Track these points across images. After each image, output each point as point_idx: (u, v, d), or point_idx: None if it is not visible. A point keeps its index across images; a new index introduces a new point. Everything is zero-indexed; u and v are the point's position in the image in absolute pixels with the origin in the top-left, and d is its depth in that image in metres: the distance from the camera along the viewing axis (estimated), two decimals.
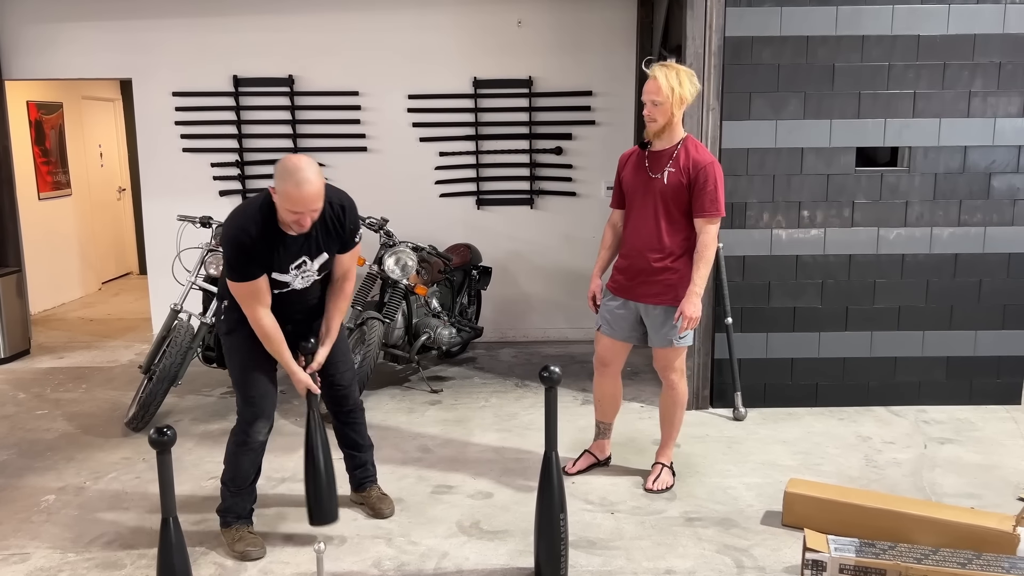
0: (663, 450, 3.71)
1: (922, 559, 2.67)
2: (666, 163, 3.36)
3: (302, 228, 2.79)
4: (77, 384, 5.19)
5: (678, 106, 3.29)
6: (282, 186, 2.72)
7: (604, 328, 3.61)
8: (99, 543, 3.17)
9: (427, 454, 4.05)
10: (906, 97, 4.43)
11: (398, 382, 5.21)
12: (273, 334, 2.92)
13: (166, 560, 2.44)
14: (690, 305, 3.30)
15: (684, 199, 3.34)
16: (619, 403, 3.80)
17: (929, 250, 4.55)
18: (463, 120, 5.96)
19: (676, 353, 3.52)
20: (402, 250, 4.81)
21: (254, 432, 3.02)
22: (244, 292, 2.86)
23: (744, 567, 2.97)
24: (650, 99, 3.29)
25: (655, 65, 3.31)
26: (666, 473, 3.65)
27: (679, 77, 3.26)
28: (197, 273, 4.58)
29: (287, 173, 2.70)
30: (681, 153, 3.35)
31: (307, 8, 5.78)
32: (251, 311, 2.88)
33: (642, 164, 3.45)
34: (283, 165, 2.74)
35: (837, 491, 3.25)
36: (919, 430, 4.31)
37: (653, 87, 3.27)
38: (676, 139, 3.38)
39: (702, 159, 3.32)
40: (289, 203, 2.71)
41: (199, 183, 5.96)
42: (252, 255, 2.80)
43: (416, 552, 3.09)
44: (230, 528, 3.11)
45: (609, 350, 3.62)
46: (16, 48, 5.82)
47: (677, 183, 3.32)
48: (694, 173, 3.30)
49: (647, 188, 3.40)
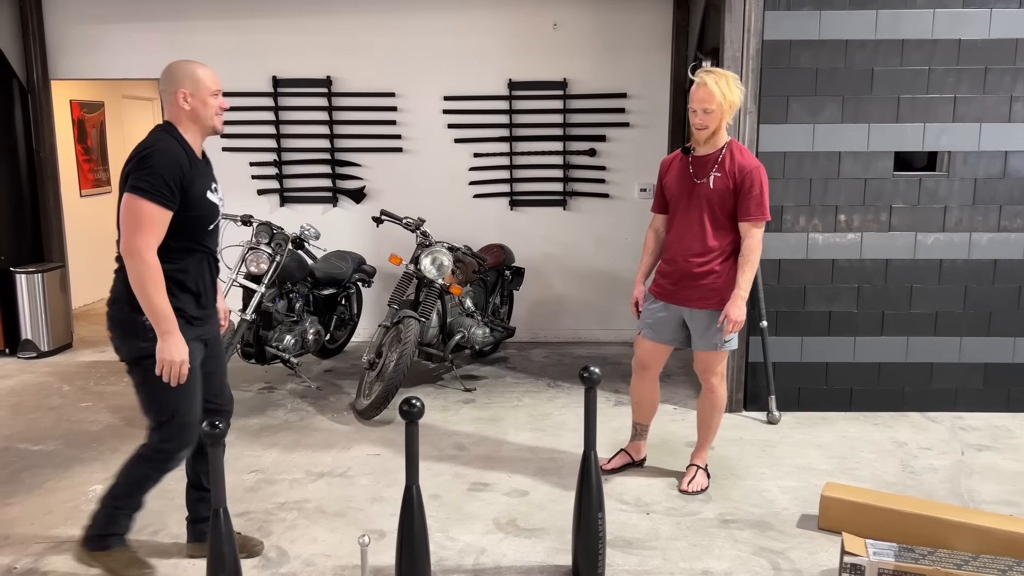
0: (699, 452, 3.73)
1: (962, 565, 2.67)
2: (711, 168, 3.37)
3: (224, 108, 2.72)
4: (119, 378, 5.30)
5: (729, 112, 3.30)
6: (193, 78, 2.63)
7: (646, 332, 3.62)
8: (147, 532, 3.25)
9: (462, 452, 4.10)
10: (946, 101, 4.40)
11: (432, 380, 5.27)
12: (160, 277, 2.57)
13: (216, 549, 2.50)
14: (735, 308, 3.32)
15: (730, 203, 3.35)
16: (657, 405, 3.83)
17: (968, 256, 4.52)
18: (497, 121, 6.00)
19: (719, 357, 3.54)
20: (438, 250, 4.87)
21: (179, 458, 2.79)
22: (155, 219, 2.54)
23: (781, 570, 2.98)
24: (702, 107, 3.28)
25: (702, 72, 3.30)
26: (701, 475, 3.67)
27: (728, 83, 3.27)
28: (238, 270, 4.67)
29: (184, 66, 2.66)
30: (727, 157, 3.36)
31: (345, 10, 5.86)
32: (147, 244, 2.53)
33: (686, 169, 3.46)
34: (175, 63, 2.67)
35: (874, 495, 3.25)
36: (956, 436, 4.29)
37: (705, 95, 3.26)
38: (720, 143, 3.39)
39: (748, 163, 3.33)
40: (211, 85, 2.66)
41: (238, 182, 6.06)
42: (185, 176, 2.59)
43: (454, 548, 3.14)
44: (112, 552, 2.84)
45: (650, 353, 3.65)
46: (62, 48, 5.96)
47: (723, 188, 3.34)
48: (740, 177, 3.31)
49: (692, 193, 3.41)
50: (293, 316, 4.99)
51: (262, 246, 4.67)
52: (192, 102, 2.66)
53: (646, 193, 6.08)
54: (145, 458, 2.80)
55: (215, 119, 2.72)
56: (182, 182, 2.59)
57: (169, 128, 2.69)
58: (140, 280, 2.56)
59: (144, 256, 2.55)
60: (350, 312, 5.77)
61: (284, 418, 4.58)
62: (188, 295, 2.73)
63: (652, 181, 6.08)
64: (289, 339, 4.86)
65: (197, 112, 2.67)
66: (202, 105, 2.67)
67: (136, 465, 2.81)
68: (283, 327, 4.89)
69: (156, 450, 2.77)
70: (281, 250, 4.71)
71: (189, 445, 2.81)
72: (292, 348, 4.88)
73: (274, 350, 4.82)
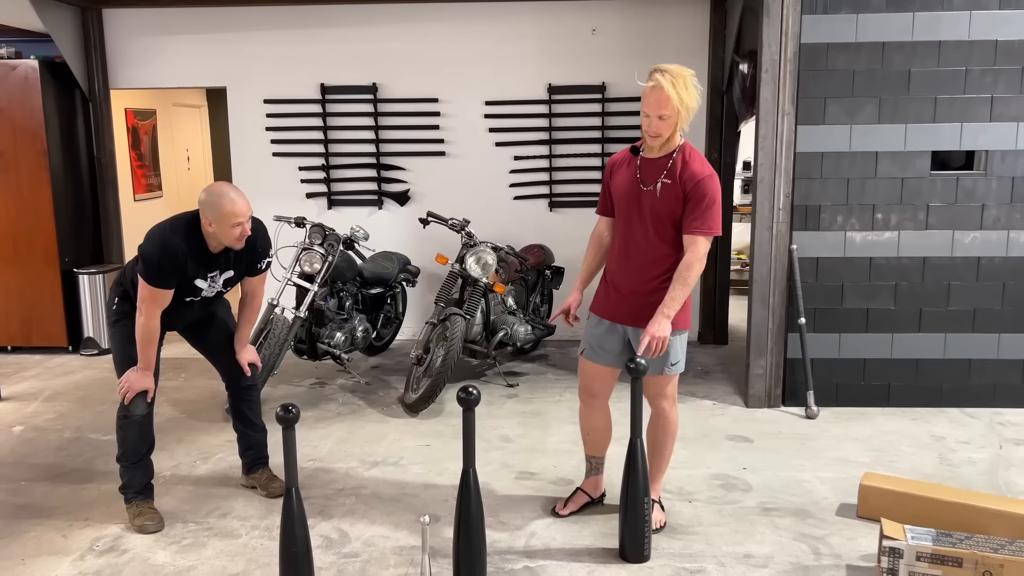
0: (653, 485, 3.29)
1: (998, 549, 2.76)
2: (660, 174, 3.00)
3: (245, 235, 3.19)
4: (177, 373, 5.55)
5: (686, 118, 2.93)
6: (219, 207, 3.11)
7: (589, 353, 3.26)
8: (215, 515, 3.46)
9: (508, 443, 4.25)
10: (983, 101, 4.47)
11: (475, 376, 5.44)
12: (153, 336, 3.24)
13: (288, 527, 2.68)
14: (657, 325, 2.93)
15: (679, 214, 2.99)
16: (611, 434, 3.42)
17: (1006, 253, 4.58)
18: (537, 125, 6.16)
19: (667, 380, 3.18)
20: (483, 250, 5.03)
21: (132, 407, 3.29)
22: (153, 295, 3.18)
23: (821, 554, 3.09)
24: (656, 113, 2.88)
25: (656, 72, 2.89)
26: (656, 510, 3.29)
27: (685, 84, 2.87)
28: (292, 270, 4.88)
29: (219, 195, 3.13)
30: (678, 162, 2.99)
31: (391, 20, 6.06)
32: (149, 310, 3.19)
33: (634, 173, 3.08)
34: (211, 191, 3.15)
35: (913, 485, 3.34)
36: (994, 431, 4.35)
37: (660, 99, 2.86)
38: (672, 147, 3.02)
39: (701, 171, 2.97)
40: (232, 217, 3.12)
41: (287, 185, 6.29)
42: (175, 265, 3.17)
43: (505, 530, 3.30)
44: (131, 504, 3.38)
45: (597, 378, 3.28)
46: (121, 59, 6.24)
47: (672, 196, 2.98)
48: (692, 186, 2.95)
49: (639, 201, 3.05)
50: (343, 314, 5.19)
51: (315, 247, 4.87)
52: (213, 228, 3.17)
53: None
54: (117, 412, 3.39)
55: (232, 241, 3.20)
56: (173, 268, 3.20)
57: (192, 221, 3.23)
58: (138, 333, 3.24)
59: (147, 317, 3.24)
60: (396, 311, 5.96)
61: (336, 411, 4.78)
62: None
63: None
64: (340, 336, 5.06)
65: (217, 234, 3.19)
66: (222, 232, 3.17)
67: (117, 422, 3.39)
68: (334, 324, 5.09)
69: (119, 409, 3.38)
70: (333, 250, 4.91)
71: (130, 407, 3.31)
72: (342, 344, 5.07)
73: (325, 346, 5.02)
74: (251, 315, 3.55)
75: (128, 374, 3.29)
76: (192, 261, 3.22)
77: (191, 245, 3.20)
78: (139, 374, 3.27)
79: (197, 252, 3.23)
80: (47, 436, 4.41)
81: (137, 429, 3.33)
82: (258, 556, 3.11)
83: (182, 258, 3.18)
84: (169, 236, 3.18)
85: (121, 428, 3.34)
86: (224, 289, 3.44)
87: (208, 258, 3.27)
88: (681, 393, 5.07)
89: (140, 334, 3.22)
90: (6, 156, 5.86)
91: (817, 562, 3.04)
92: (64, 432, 4.47)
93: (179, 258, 3.17)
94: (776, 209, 4.61)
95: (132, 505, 3.39)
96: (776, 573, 2.97)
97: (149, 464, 3.43)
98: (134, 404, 3.28)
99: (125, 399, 3.29)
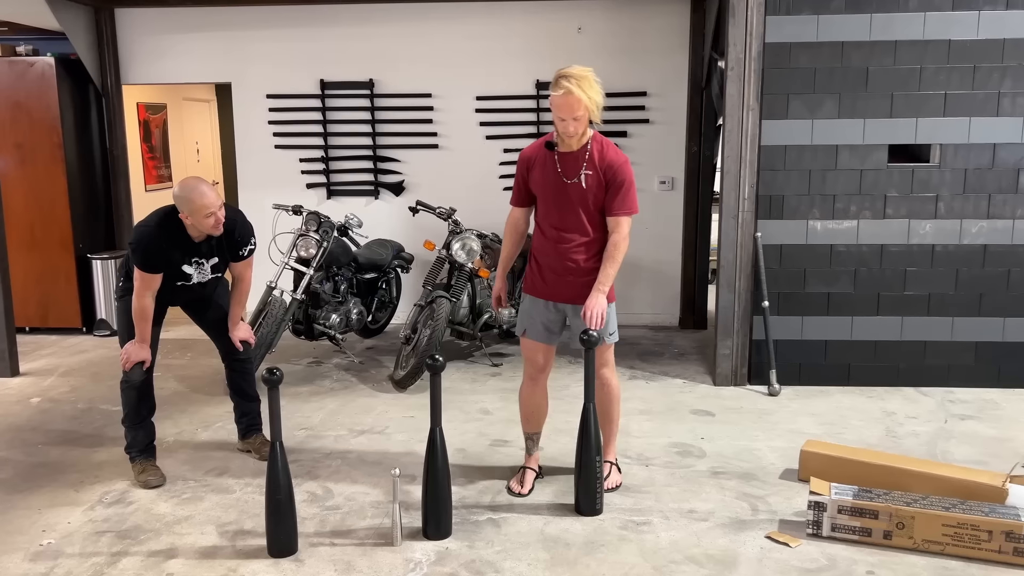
0: (606, 448, 3.62)
1: (911, 503, 3.06)
2: (581, 165, 3.29)
3: (219, 223, 3.50)
4: (183, 353, 5.90)
5: (596, 113, 3.19)
6: (192, 200, 3.43)
7: (532, 332, 3.52)
8: (212, 473, 3.81)
9: (487, 415, 4.58)
10: (937, 98, 4.74)
11: (462, 357, 5.76)
12: (146, 314, 3.58)
13: (274, 477, 3.02)
14: (595, 300, 3.26)
15: (603, 199, 3.31)
16: (548, 409, 3.71)
17: (959, 241, 4.85)
18: (526, 119, 6.47)
19: (607, 349, 3.50)
20: (468, 236, 5.35)
21: (131, 375, 3.63)
22: (143, 279, 3.52)
23: (759, 510, 3.40)
24: (572, 116, 3.14)
25: (562, 80, 3.12)
26: (613, 472, 3.64)
27: (590, 84, 3.13)
28: (290, 255, 5.21)
29: (189, 190, 3.44)
30: (594, 153, 3.29)
31: (387, 19, 6.38)
32: (140, 292, 3.54)
33: (553, 167, 3.34)
34: (182, 186, 3.46)
35: (848, 451, 3.64)
36: (943, 408, 4.63)
37: (572, 103, 3.10)
38: (586, 139, 3.30)
39: (616, 159, 3.28)
40: (204, 208, 3.43)
41: (288, 176, 6.63)
42: (160, 252, 3.51)
43: (475, 489, 3.62)
44: (135, 462, 3.75)
45: (544, 354, 3.55)
46: (133, 56, 6.59)
47: (596, 184, 3.28)
48: (611, 174, 3.26)
49: (566, 192, 3.32)
50: (339, 297, 5.52)
51: (311, 233, 5.20)
52: (190, 220, 3.50)
53: (666, 185, 6.49)
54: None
55: (209, 229, 3.52)
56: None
57: (169, 214, 3.56)
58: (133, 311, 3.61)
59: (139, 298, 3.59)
60: (390, 295, 6.30)
61: (330, 387, 5.12)
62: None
63: (672, 174, 6.50)
64: (335, 317, 5.39)
65: (195, 224, 3.52)
66: (197, 223, 3.49)
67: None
68: (329, 307, 5.42)
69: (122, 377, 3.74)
70: (328, 236, 5.24)
71: (129, 374, 3.65)
72: (337, 326, 5.41)
73: (321, 327, 5.36)
74: (240, 297, 3.89)
75: (128, 346, 3.65)
76: (176, 250, 3.57)
77: (172, 235, 3.54)
78: (137, 346, 3.62)
79: (179, 241, 3.57)
80: (62, 407, 4.78)
81: (136, 393, 3.69)
82: (249, 508, 3.46)
83: (165, 247, 3.52)
84: (152, 228, 3.53)
85: (123, 392, 3.71)
86: (215, 274, 3.76)
87: (191, 246, 3.61)
88: (655, 372, 5.41)
89: (135, 312, 3.57)
90: (24, 148, 6.23)
91: (754, 517, 3.35)
92: (77, 403, 4.83)
93: (161, 247, 3.51)
94: (742, 199, 4.90)
95: (136, 463, 3.75)
96: (715, 525, 3.28)
97: (150, 425, 3.79)
98: (132, 372, 3.62)
99: (124, 367, 3.64)
